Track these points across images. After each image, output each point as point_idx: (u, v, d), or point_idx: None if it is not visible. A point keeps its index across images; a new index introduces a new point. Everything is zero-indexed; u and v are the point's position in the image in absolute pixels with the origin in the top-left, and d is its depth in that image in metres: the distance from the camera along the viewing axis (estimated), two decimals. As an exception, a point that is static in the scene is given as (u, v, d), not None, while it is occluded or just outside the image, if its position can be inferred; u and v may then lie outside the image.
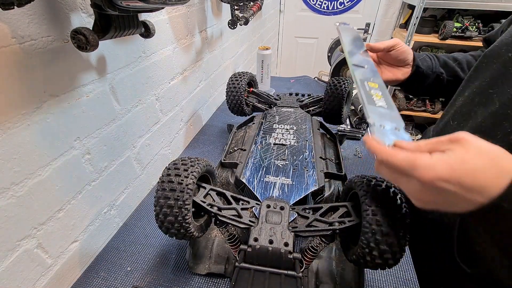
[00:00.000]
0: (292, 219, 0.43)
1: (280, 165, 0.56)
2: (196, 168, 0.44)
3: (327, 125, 0.79)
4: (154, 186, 0.78)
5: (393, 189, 0.38)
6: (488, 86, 0.45)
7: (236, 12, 1.06)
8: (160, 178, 0.43)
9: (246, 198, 0.47)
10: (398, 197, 0.37)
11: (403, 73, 0.59)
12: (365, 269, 0.50)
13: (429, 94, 0.66)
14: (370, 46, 0.54)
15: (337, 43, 1.36)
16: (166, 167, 0.44)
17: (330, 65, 1.31)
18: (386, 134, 0.34)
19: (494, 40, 0.50)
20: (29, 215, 0.43)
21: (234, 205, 0.45)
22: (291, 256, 0.38)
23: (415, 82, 0.60)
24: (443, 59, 0.61)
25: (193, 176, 0.42)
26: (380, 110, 0.39)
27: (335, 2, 2.44)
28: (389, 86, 2.14)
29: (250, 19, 1.11)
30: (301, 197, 0.49)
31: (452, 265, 0.48)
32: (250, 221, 0.43)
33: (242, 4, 1.06)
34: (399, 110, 2.26)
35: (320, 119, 0.80)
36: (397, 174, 0.30)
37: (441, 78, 0.60)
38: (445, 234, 0.50)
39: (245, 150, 0.63)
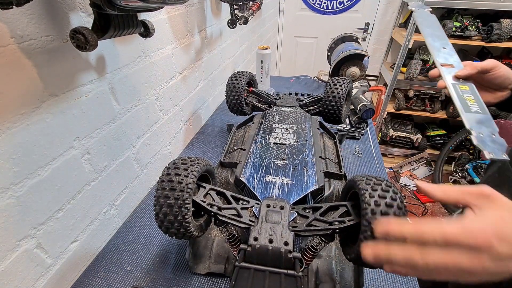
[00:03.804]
0: (292, 218, 0.43)
1: (280, 165, 0.56)
2: (196, 167, 0.44)
3: (327, 124, 0.79)
4: (153, 186, 0.78)
5: (393, 189, 0.38)
6: None
7: (236, 11, 1.06)
8: (160, 178, 0.42)
9: (246, 198, 0.47)
10: (398, 197, 0.37)
11: (496, 97, 0.52)
12: (365, 269, 0.50)
13: None
14: (460, 77, 0.48)
15: (336, 42, 1.36)
16: (166, 167, 0.44)
17: (330, 64, 1.31)
18: (485, 142, 0.37)
19: None
20: (29, 215, 0.43)
21: (234, 204, 0.45)
22: (291, 256, 0.38)
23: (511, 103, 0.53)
24: None
25: (193, 176, 0.42)
26: (477, 116, 0.41)
27: (335, 1, 2.44)
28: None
29: (249, 19, 1.11)
30: (301, 196, 0.49)
31: None
32: (250, 220, 0.43)
33: (241, 3, 1.06)
34: (398, 109, 2.28)
35: (320, 118, 0.80)
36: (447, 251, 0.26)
37: None
38: None
39: (244, 149, 0.63)
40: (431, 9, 0.58)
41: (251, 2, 1.14)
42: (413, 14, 0.58)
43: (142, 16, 0.58)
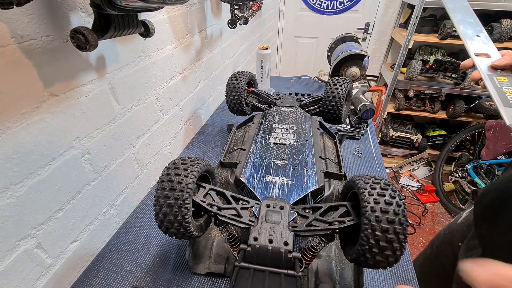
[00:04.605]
0: (292, 218, 0.43)
1: (280, 165, 0.56)
2: (196, 167, 0.44)
3: (327, 124, 0.79)
4: (153, 186, 0.78)
5: (391, 187, 0.38)
6: None
7: (236, 11, 1.06)
8: (160, 178, 0.43)
9: (245, 198, 0.47)
10: (397, 195, 0.37)
11: None
12: (365, 269, 0.50)
13: None
14: (498, 67, 0.43)
15: (336, 42, 1.36)
16: (166, 167, 0.44)
17: (330, 64, 1.31)
18: None
19: None
20: (29, 215, 0.43)
21: (233, 204, 0.45)
22: (291, 256, 0.38)
23: None
24: None
25: (192, 176, 0.42)
26: None
27: (335, 1, 2.44)
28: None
29: (249, 19, 1.11)
30: (301, 196, 0.49)
31: None
32: (249, 220, 0.43)
33: (241, 3, 1.06)
34: (398, 110, 2.28)
35: (320, 118, 0.80)
36: None
37: None
38: None
39: (244, 149, 0.63)
40: None
41: (251, 2, 1.14)
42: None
43: (142, 16, 0.58)
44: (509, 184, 0.53)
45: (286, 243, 0.39)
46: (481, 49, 0.45)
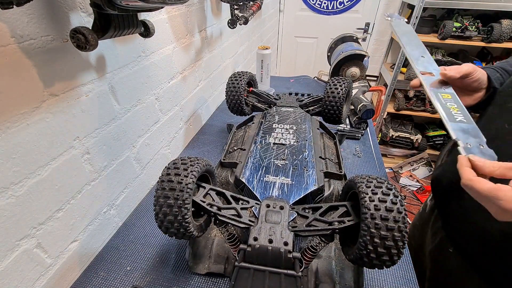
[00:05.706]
0: (292, 218, 0.43)
1: (280, 165, 0.56)
2: (196, 167, 0.44)
3: (327, 124, 0.79)
4: (153, 186, 0.78)
5: (393, 190, 0.38)
6: None
7: (236, 11, 1.06)
8: (159, 178, 0.43)
9: (245, 198, 0.47)
10: (398, 199, 0.37)
11: (474, 98, 0.55)
12: (365, 269, 0.50)
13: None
14: (446, 77, 0.48)
15: (336, 42, 1.36)
16: (165, 167, 0.44)
17: (330, 64, 1.31)
18: (473, 152, 0.36)
19: None
20: (29, 214, 0.43)
21: (233, 204, 0.45)
22: (291, 256, 0.38)
23: (486, 103, 0.56)
24: (509, 70, 0.58)
25: (192, 176, 0.42)
26: (462, 126, 0.40)
27: (335, 1, 2.44)
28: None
29: (249, 19, 1.11)
30: (301, 196, 0.49)
31: None
32: (249, 220, 0.43)
33: (241, 3, 1.06)
34: (398, 110, 2.28)
35: (320, 118, 0.80)
36: (481, 197, 0.33)
37: None
38: None
39: (244, 149, 0.63)
40: (406, 20, 0.60)
41: (251, 2, 1.14)
42: (390, 23, 0.60)
43: (142, 16, 0.58)
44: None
45: (286, 243, 0.39)
46: (426, 68, 0.50)
